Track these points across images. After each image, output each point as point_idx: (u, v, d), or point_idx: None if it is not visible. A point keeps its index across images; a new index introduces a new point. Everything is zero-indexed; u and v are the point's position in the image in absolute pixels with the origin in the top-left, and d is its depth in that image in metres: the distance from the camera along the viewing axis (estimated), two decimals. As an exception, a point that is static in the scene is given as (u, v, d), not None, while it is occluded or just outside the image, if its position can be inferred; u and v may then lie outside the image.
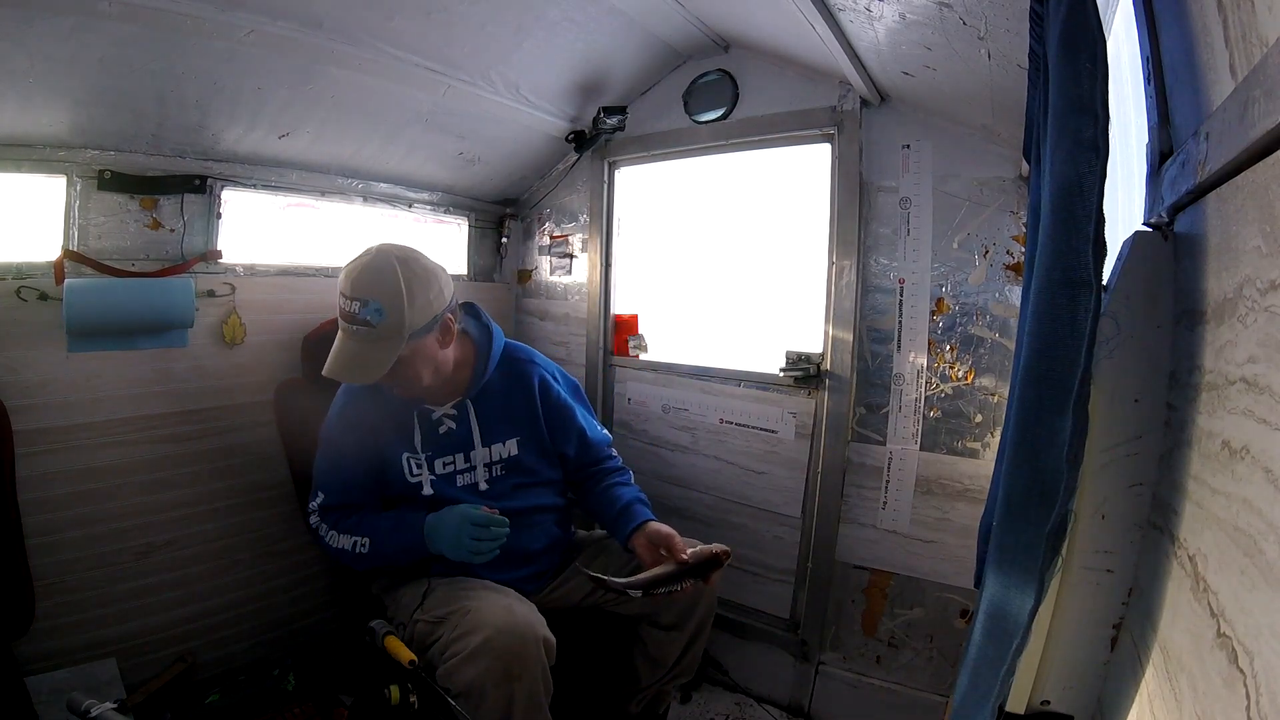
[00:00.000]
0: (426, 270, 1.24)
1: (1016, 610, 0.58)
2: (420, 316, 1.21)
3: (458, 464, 1.36)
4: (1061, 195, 0.56)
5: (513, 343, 1.50)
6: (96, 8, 1.14)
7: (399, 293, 1.18)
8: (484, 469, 1.38)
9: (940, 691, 1.57)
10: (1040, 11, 0.77)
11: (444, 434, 1.36)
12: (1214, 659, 0.44)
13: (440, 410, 1.36)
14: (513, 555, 1.33)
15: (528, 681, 1.10)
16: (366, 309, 1.17)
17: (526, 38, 1.63)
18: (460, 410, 1.37)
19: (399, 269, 1.19)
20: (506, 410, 1.41)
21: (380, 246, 1.23)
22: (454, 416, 1.37)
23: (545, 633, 1.16)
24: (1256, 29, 0.46)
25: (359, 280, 1.19)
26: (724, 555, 1.27)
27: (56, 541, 1.38)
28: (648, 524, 1.35)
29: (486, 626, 1.11)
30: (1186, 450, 0.57)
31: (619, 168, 2.12)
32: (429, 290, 1.23)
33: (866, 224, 1.66)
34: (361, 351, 1.19)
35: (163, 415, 1.53)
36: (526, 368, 1.46)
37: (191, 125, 1.48)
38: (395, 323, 1.18)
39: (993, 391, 1.51)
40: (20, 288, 1.33)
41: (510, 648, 1.09)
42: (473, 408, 1.37)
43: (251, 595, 1.69)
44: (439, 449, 1.35)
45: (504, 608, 1.17)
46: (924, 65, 1.35)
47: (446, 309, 1.27)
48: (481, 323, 1.45)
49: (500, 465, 1.39)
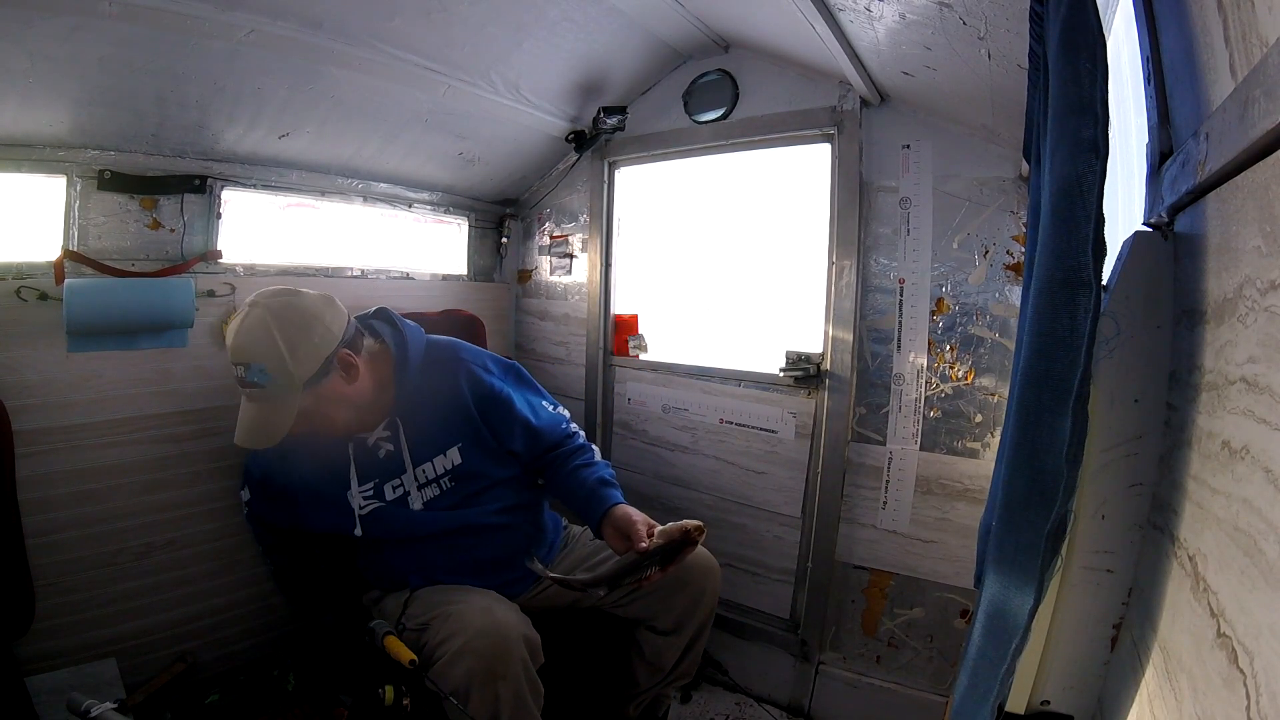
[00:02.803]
0: (304, 315, 1.18)
1: (1016, 610, 0.58)
2: (308, 365, 1.16)
3: (405, 484, 1.31)
4: (1061, 195, 0.56)
5: (435, 339, 1.39)
6: (96, 8, 1.14)
7: (276, 348, 1.13)
8: (418, 491, 1.31)
9: (940, 691, 1.57)
10: (1040, 11, 0.77)
11: (384, 458, 1.30)
12: (1214, 659, 0.44)
13: (374, 435, 1.30)
14: (481, 567, 1.32)
15: (512, 681, 1.09)
16: (250, 371, 1.14)
17: (526, 38, 1.63)
18: (393, 430, 1.30)
19: (271, 324, 1.14)
20: (437, 418, 1.32)
21: (253, 300, 1.19)
22: (388, 438, 1.30)
23: (528, 631, 1.15)
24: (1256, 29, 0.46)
25: (236, 345, 1.15)
26: (695, 532, 1.19)
27: (56, 541, 1.37)
28: (613, 510, 1.27)
29: (467, 629, 1.11)
30: (1186, 450, 0.57)
31: (619, 168, 2.12)
32: (311, 336, 1.17)
33: (866, 224, 1.66)
34: (261, 414, 1.16)
35: (163, 415, 1.53)
36: (451, 366, 1.35)
37: (191, 125, 1.48)
38: (283, 379, 1.14)
39: (993, 391, 1.51)
40: (20, 288, 1.32)
41: (491, 648, 1.09)
42: (401, 425, 1.30)
43: (251, 595, 1.69)
44: (381, 474, 1.30)
45: (483, 609, 1.16)
46: (924, 65, 1.35)
47: (340, 345, 1.20)
48: (396, 329, 1.34)
49: (448, 478, 1.32)
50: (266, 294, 1.20)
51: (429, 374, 1.31)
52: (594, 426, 2.15)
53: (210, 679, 1.60)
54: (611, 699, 1.48)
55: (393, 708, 1.09)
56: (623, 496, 1.34)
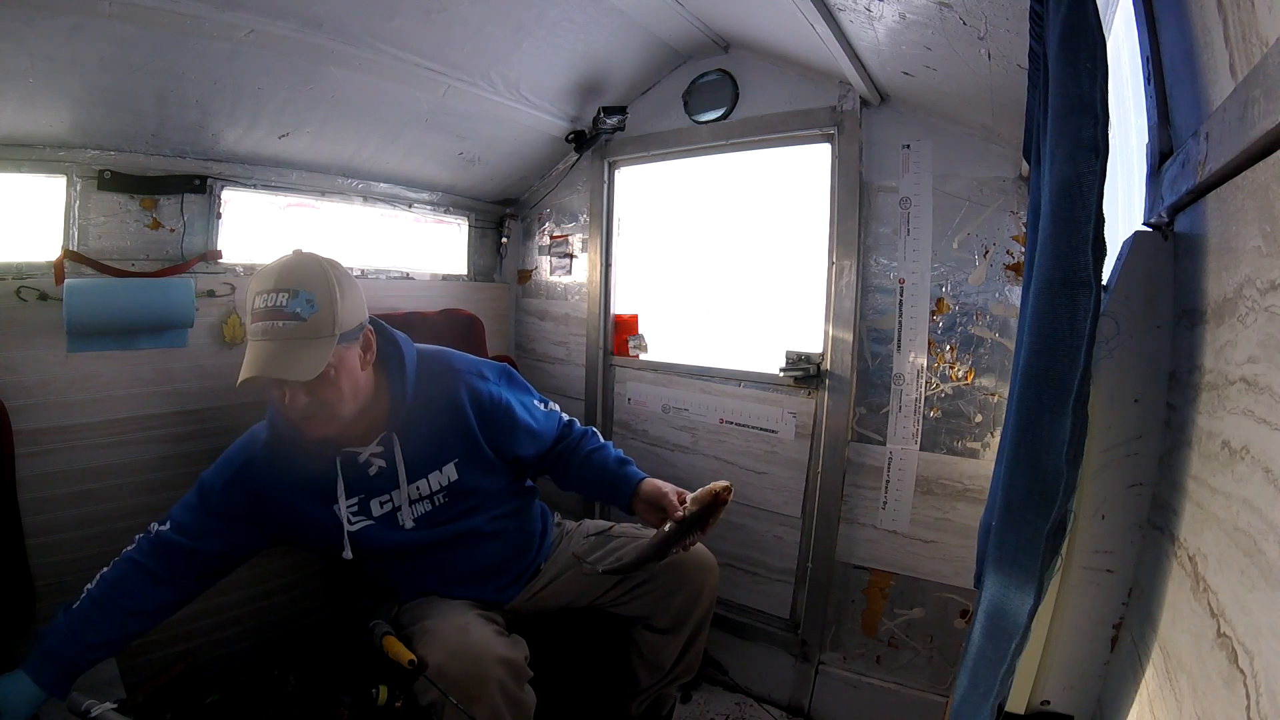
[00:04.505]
0: (350, 276, 1.14)
1: (1016, 610, 0.58)
2: (350, 317, 1.09)
3: (395, 502, 1.24)
4: (1061, 195, 0.56)
5: (423, 349, 1.30)
6: (96, 8, 1.14)
7: (331, 286, 1.07)
8: (409, 506, 1.24)
9: (940, 691, 1.57)
10: (1040, 11, 0.77)
11: (375, 475, 1.22)
12: (1214, 659, 0.44)
13: (366, 451, 1.21)
14: (483, 572, 1.31)
15: (487, 703, 1.07)
16: (296, 300, 1.03)
17: (526, 38, 1.63)
18: (386, 445, 1.22)
19: (325, 264, 1.09)
20: (435, 432, 1.24)
21: (298, 249, 1.12)
22: (381, 454, 1.22)
23: (507, 653, 1.11)
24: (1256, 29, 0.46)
25: (285, 273, 1.06)
26: (724, 492, 1.21)
27: (56, 541, 1.37)
28: (641, 486, 1.29)
29: (439, 651, 1.09)
30: (1186, 450, 0.57)
31: (619, 168, 2.12)
32: (357, 293, 1.13)
33: (866, 224, 1.66)
34: (288, 350, 1.03)
35: (163, 415, 1.53)
36: (448, 380, 1.27)
37: (191, 125, 1.48)
38: (327, 318, 1.05)
39: (993, 391, 1.51)
40: (20, 288, 1.32)
41: (464, 672, 1.06)
42: (398, 441, 1.22)
43: (251, 595, 1.69)
44: (370, 490, 1.22)
45: (458, 629, 1.13)
46: (924, 65, 1.35)
47: (367, 321, 1.16)
48: (387, 336, 1.24)
49: (442, 494, 1.26)
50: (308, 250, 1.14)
51: (424, 387, 1.23)
52: (594, 427, 2.15)
53: (210, 679, 1.60)
54: (614, 699, 1.48)
55: (385, 708, 1.09)
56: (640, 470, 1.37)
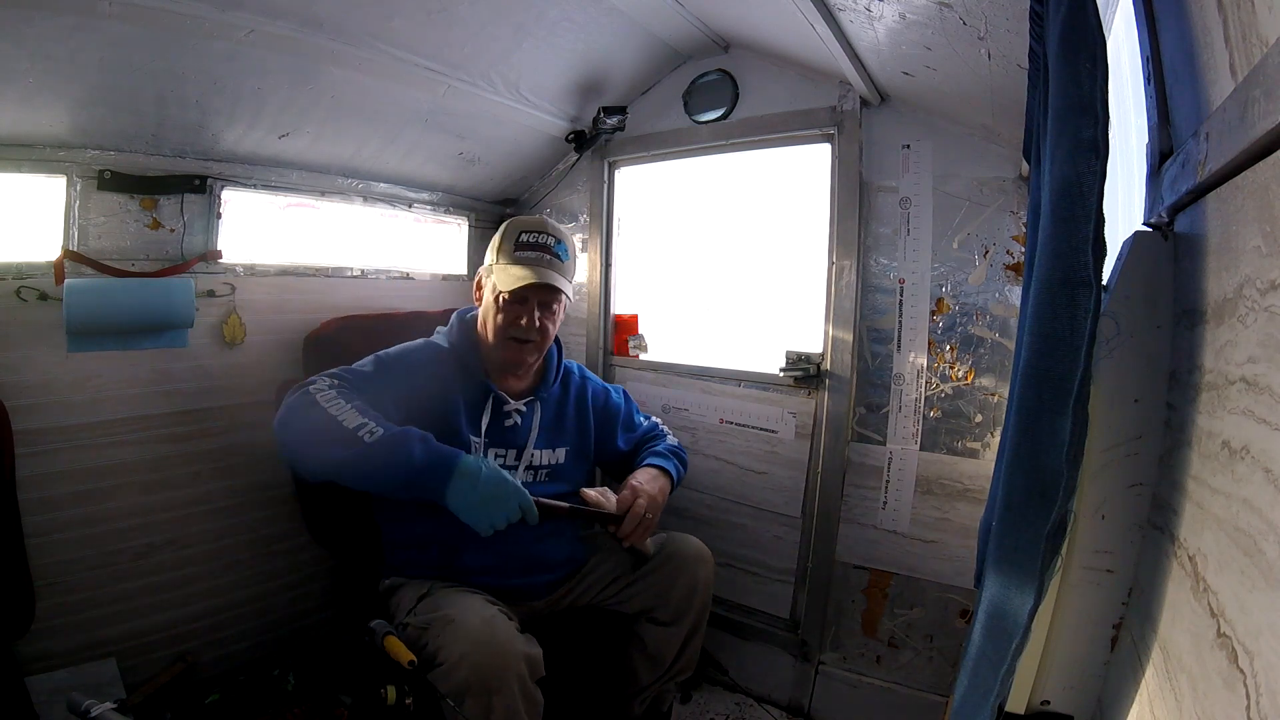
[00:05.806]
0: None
1: (1016, 610, 0.58)
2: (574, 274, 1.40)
3: (508, 459, 1.37)
4: (1061, 195, 0.56)
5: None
6: (96, 8, 1.14)
7: (574, 248, 1.40)
8: (526, 471, 1.38)
9: (940, 691, 1.57)
10: (1040, 11, 0.77)
11: (509, 427, 1.38)
12: (1214, 659, 0.44)
13: (513, 403, 1.39)
14: (532, 562, 1.34)
15: (506, 695, 1.09)
16: (561, 246, 1.34)
17: (526, 38, 1.63)
18: (529, 408, 1.41)
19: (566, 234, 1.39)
20: (562, 419, 1.46)
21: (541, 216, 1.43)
22: (522, 413, 1.40)
23: (527, 649, 1.15)
24: (1256, 29, 0.46)
25: (548, 225, 1.36)
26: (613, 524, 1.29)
27: (56, 541, 1.37)
28: (638, 470, 1.41)
29: (464, 641, 1.11)
30: (1186, 450, 0.57)
31: (619, 168, 2.12)
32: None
33: (866, 224, 1.66)
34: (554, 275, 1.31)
35: (163, 415, 1.53)
36: (580, 379, 1.54)
37: (191, 125, 1.48)
38: (571, 268, 1.37)
39: (993, 391, 1.51)
40: (20, 288, 1.33)
41: (488, 664, 1.09)
42: (539, 408, 1.41)
43: (251, 595, 1.69)
44: (497, 439, 1.36)
45: (484, 621, 1.16)
46: (924, 65, 1.35)
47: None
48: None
49: (546, 471, 1.41)
50: None
51: (564, 377, 1.51)
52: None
53: (210, 679, 1.60)
54: (615, 698, 1.49)
55: (395, 707, 1.10)
56: (666, 464, 1.46)
